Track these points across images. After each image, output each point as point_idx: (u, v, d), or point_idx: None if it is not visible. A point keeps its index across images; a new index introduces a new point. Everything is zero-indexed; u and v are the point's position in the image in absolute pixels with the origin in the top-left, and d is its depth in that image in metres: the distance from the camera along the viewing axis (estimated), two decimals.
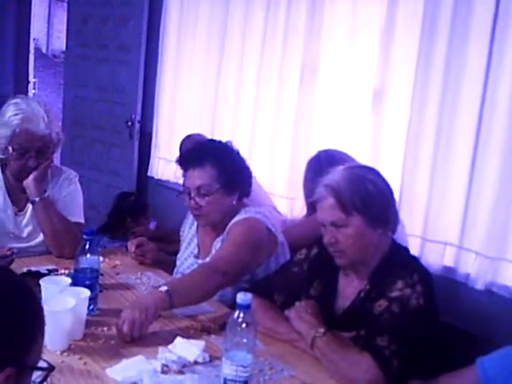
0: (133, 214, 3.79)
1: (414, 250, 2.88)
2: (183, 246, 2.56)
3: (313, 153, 3.07)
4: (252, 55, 3.70)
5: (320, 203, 1.91)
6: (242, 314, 1.60)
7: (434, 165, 2.84)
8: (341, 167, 1.95)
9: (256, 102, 3.69)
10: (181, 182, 4.11)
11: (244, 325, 1.59)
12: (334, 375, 1.77)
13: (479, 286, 2.66)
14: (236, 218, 2.32)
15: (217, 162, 2.29)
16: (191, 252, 2.51)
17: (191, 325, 2.04)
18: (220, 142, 2.46)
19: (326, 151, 2.95)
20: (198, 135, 3.52)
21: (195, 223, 2.51)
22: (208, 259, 2.36)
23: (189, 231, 2.57)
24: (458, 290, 2.75)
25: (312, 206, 2.31)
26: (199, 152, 2.39)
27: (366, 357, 1.74)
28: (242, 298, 1.61)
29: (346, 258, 1.91)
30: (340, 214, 1.86)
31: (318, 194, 1.91)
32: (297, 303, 1.96)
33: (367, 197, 1.85)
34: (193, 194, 2.30)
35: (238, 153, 2.41)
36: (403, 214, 2.94)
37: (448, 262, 2.82)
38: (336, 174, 1.90)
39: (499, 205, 2.62)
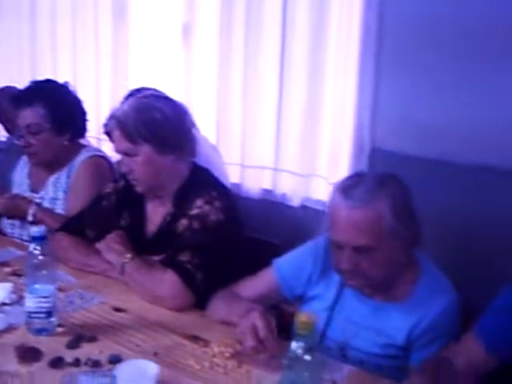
0: None
1: (234, 178, 3.00)
2: (15, 190, 2.56)
3: None
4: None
5: (112, 135, 1.94)
6: (37, 246, 1.60)
7: (244, 94, 2.92)
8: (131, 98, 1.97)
9: (74, 46, 3.57)
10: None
11: (41, 257, 1.59)
12: (143, 296, 1.83)
13: (295, 203, 2.82)
14: (81, 157, 2.44)
15: (47, 102, 2.34)
16: (23, 191, 2.52)
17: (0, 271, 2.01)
18: (53, 82, 2.52)
19: (138, 90, 2.93)
20: (9, 87, 3.37)
21: (27, 166, 2.56)
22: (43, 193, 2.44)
23: (20, 175, 2.59)
24: (276, 209, 2.90)
25: None
26: (30, 92, 2.41)
27: (169, 273, 1.81)
28: (35, 230, 1.61)
29: (142, 185, 1.96)
30: (128, 144, 1.89)
31: (108, 126, 1.93)
32: (107, 235, 1.99)
33: (153, 125, 1.88)
34: (23, 133, 2.36)
35: (72, 93, 2.49)
36: (221, 145, 3.05)
37: (266, 184, 2.94)
38: (124, 105, 1.93)
39: (306, 127, 2.76)
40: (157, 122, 1.88)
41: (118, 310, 1.77)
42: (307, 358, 1.15)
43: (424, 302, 1.62)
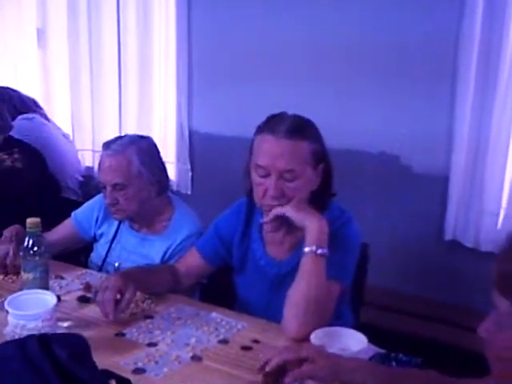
0: None
1: (88, 162, 3.55)
2: None
3: None
4: None
5: None
6: None
7: (92, 89, 3.49)
8: None
9: None
10: None
11: None
12: None
13: None
14: None
15: None
16: None
17: None
18: None
19: None
20: None
21: None
22: None
23: None
24: None
25: None
26: None
27: None
28: None
29: None
30: None
31: None
32: None
33: None
34: None
35: None
36: (76, 133, 3.59)
37: None
38: None
39: (141, 117, 3.37)
40: None
41: None
42: (35, 248, 1.69)
43: (175, 232, 2.18)
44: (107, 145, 2.14)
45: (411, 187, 2.74)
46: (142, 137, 2.24)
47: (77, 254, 2.47)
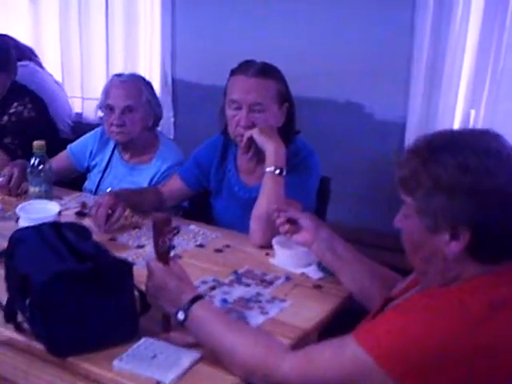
0: None
1: (77, 108, 3.81)
2: None
3: None
4: None
5: None
6: None
7: (81, 39, 3.71)
8: None
9: None
10: None
11: None
12: None
13: None
14: None
15: None
16: None
17: None
18: None
19: None
20: None
21: None
22: None
23: None
24: None
25: None
26: None
27: None
28: None
29: None
30: None
31: None
32: None
33: None
34: None
35: None
36: (66, 81, 3.83)
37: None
38: None
39: (127, 66, 3.58)
40: None
41: None
42: (41, 166, 1.98)
43: (160, 162, 2.50)
44: (118, 74, 2.51)
45: (372, 133, 3.04)
46: (141, 77, 2.57)
47: (70, 185, 2.76)
